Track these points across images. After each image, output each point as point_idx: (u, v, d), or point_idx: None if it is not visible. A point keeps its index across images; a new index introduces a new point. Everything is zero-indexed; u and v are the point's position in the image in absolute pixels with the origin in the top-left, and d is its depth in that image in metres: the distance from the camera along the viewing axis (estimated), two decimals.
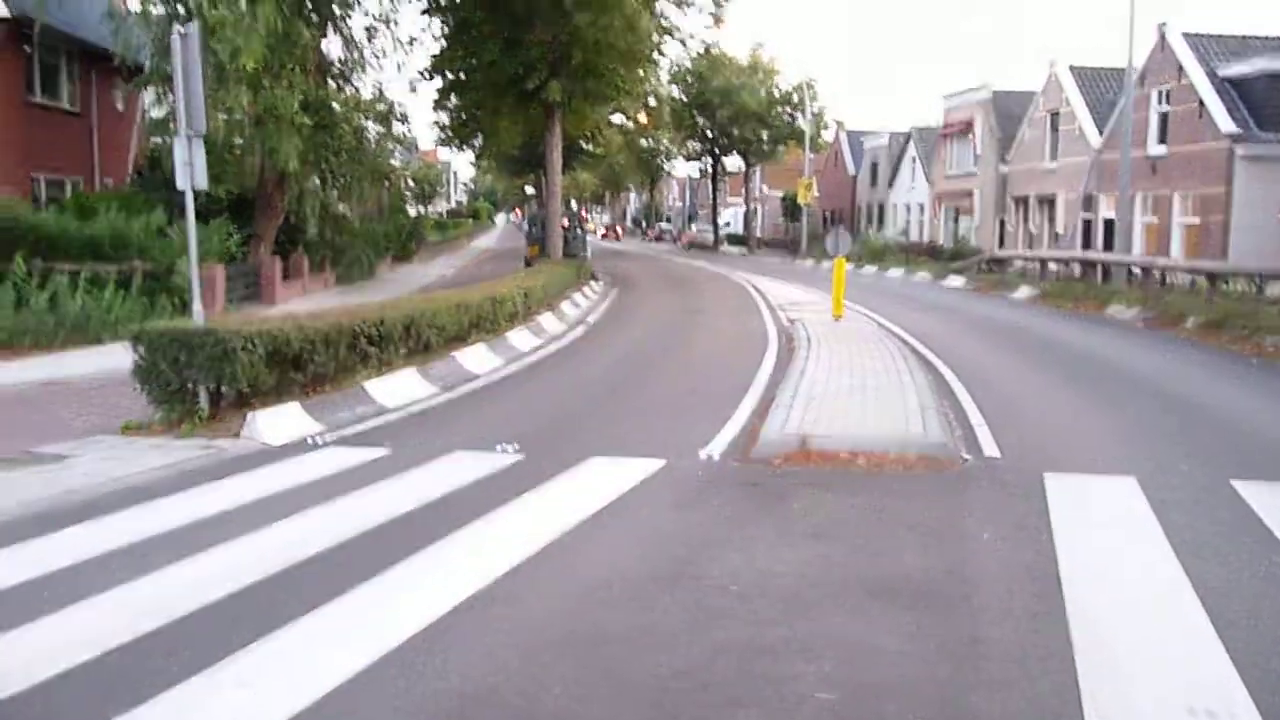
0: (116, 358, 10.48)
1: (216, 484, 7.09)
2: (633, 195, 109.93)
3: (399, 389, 10.66)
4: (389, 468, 7.50)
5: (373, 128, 24.69)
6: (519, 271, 23.01)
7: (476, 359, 12.82)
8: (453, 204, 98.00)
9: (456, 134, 31.56)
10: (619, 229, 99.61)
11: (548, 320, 17.48)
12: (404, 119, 24.33)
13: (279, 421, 8.89)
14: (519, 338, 15.05)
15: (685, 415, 9.50)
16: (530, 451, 7.93)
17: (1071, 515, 6.11)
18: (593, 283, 26.41)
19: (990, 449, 8.04)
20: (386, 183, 36.20)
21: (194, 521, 6.15)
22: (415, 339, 11.84)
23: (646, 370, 12.68)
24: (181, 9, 18.05)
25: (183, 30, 8.79)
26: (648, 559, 5.40)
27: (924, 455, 7.54)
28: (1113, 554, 5.40)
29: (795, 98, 50.12)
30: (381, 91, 23.13)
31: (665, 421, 9.26)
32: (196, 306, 9.47)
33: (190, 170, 9.01)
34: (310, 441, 8.54)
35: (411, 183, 59.83)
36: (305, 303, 20.59)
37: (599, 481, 6.98)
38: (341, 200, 24.38)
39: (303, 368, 9.67)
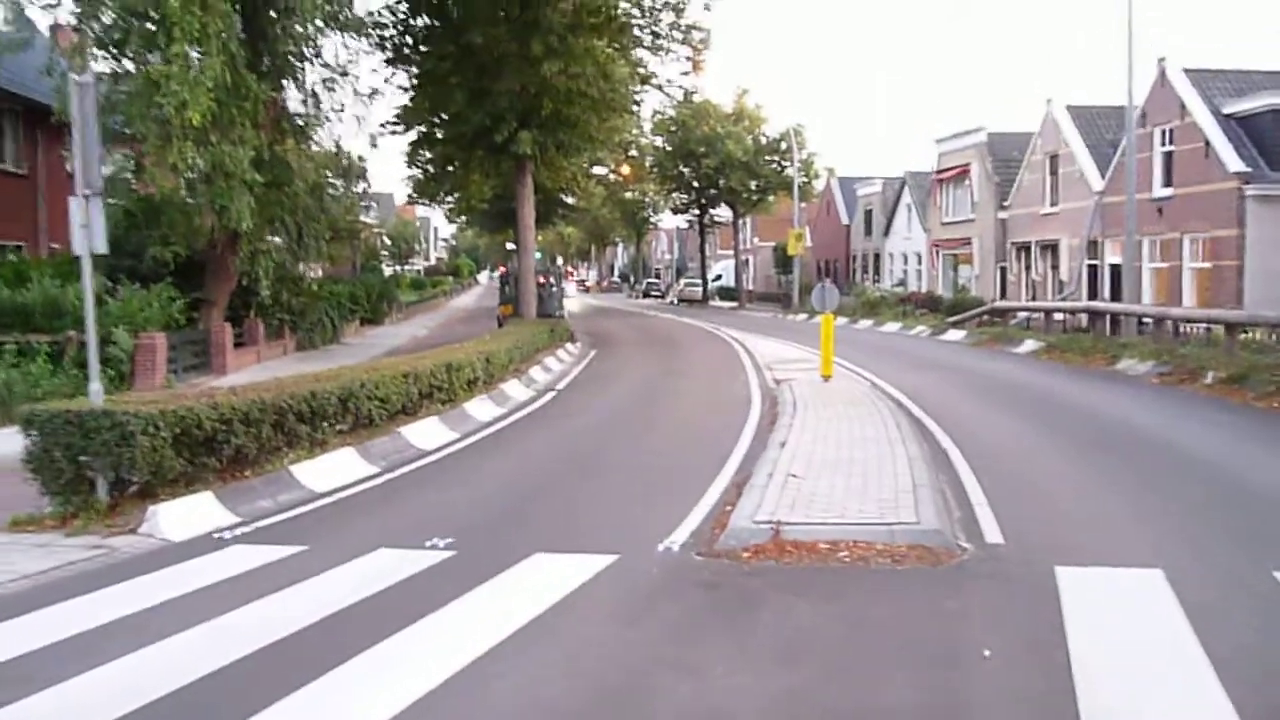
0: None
1: (97, 593, 6.54)
2: (620, 249, 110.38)
3: (332, 471, 10.19)
4: (299, 569, 6.98)
5: (337, 184, 24.39)
6: (487, 334, 22.42)
7: (426, 434, 12.38)
8: (432, 261, 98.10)
9: (426, 189, 31.34)
10: (602, 282, 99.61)
11: (513, 387, 17.09)
12: (362, 175, 23.80)
13: (186, 514, 8.39)
14: (479, 408, 14.63)
15: (649, 497, 9.05)
16: (466, 546, 7.50)
17: (1090, 626, 5.35)
18: (569, 345, 26.07)
19: (993, 534, 7.40)
20: (356, 241, 36.23)
21: (58, 641, 5.56)
22: (355, 413, 11.36)
23: (613, 443, 12.28)
24: (125, 63, 17.71)
25: (79, 79, 8.21)
26: (577, 689, 4.72)
27: (916, 546, 6.95)
28: (1142, 680, 4.63)
29: (783, 144, 50.36)
30: (339, 146, 22.74)
31: (626, 505, 8.80)
32: (94, 386, 8.78)
33: (89, 233, 8.35)
34: (218, 538, 8.07)
35: (387, 240, 60.13)
36: (259, 372, 19.97)
37: (538, 583, 6.48)
38: (300, 260, 23.86)
39: (217, 451, 9.11)
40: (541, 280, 31.93)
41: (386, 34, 24.57)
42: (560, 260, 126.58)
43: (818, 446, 10.42)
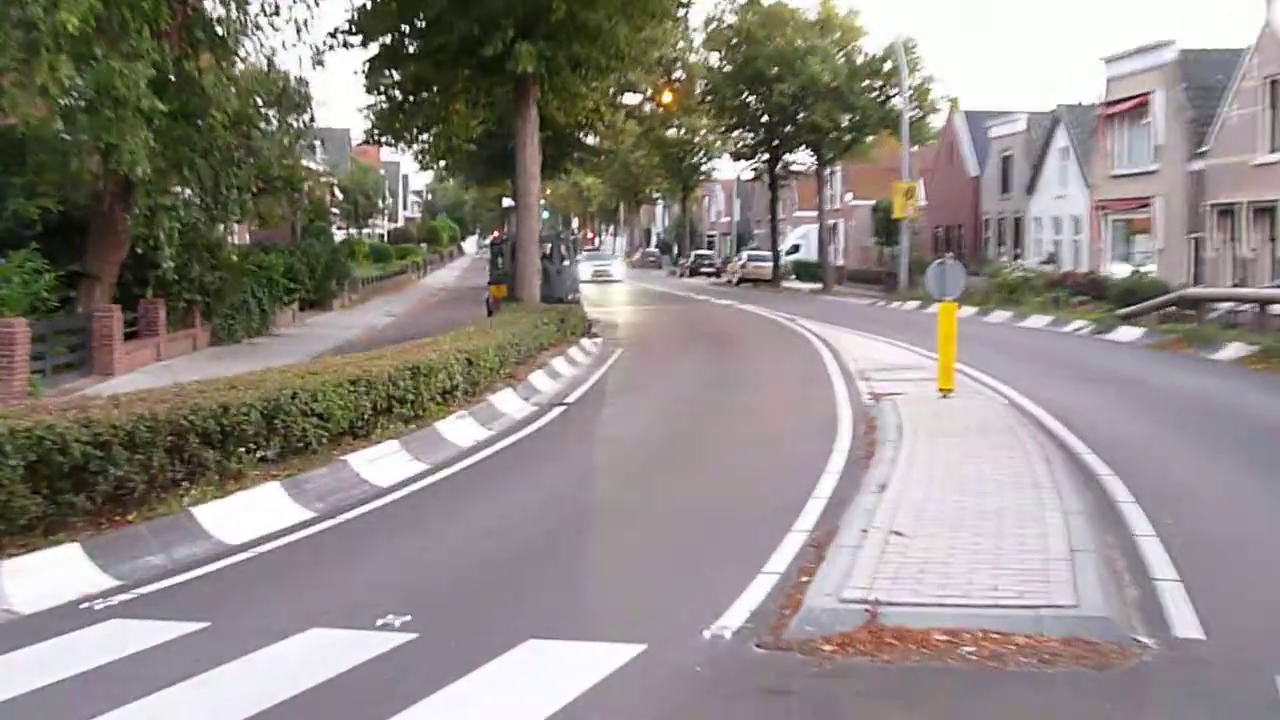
0: None
1: None
2: (660, 209, 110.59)
3: (250, 516, 10.23)
4: (198, 655, 6.98)
5: (270, 115, 24.53)
6: (472, 325, 22.47)
7: (381, 464, 12.42)
8: (401, 222, 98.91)
9: (391, 124, 31.44)
10: (634, 254, 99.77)
11: (506, 399, 17.16)
12: (305, 103, 23.89)
13: (43, 575, 8.42)
14: (457, 428, 14.69)
15: (691, 562, 8.99)
16: (432, 627, 7.52)
17: None
18: (585, 342, 26.17)
19: (1187, 625, 7.26)
20: (295, 194, 36.51)
21: None
22: (284, 435, 11.41)
23: (642, 481, 12.26)
24: None
25: None
26: None
27: (1074, 640, 6.81)
28: None
29: (887, 65, 50.17)
30: (272, 63, 22.90)
31: (658, 573, 8.76)
32: None
33: None
34: (88, 608, 8.11)
35: (339, 194, 60.65)
36: (159, 373, 20.15)
37: (529, 684, 6.46)
38: (217, 220, 24.05)
39: (89, 486, 9.17)
40: (547, 250, 31.90)
41: None
42: (576, 224, 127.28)
43: (933, 492, 10.31)
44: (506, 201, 69.06)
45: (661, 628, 7.22)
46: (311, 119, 25.44)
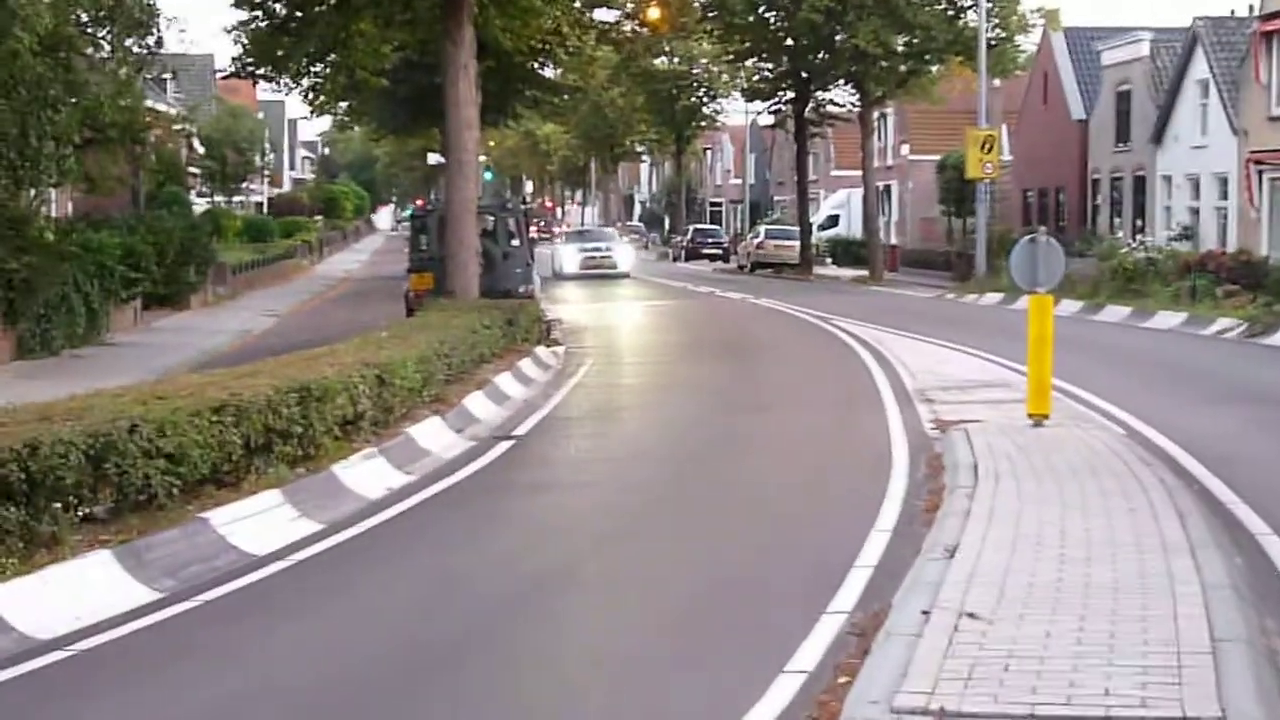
0: None
1: None
2: (646, 170, 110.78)
3: (68, 598, 10.14)
4: None
5: (98, 36, 24.50)
6: (385, 328, 22.42)
7: (256, 523, 12.41)
8: (287, 186, 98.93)
9: (267, 50, 31.40)
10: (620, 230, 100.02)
11: (431, 431, 17.27)
12: (150, 20, 23.84)
13: None
14: (361, 473, 14.71)
15: (686, 658, 9.03)
16: None
17: None
18: (542, 351, 26.36)
19: None
20: (138, 147, 36.42)
21: None
22: (118, 483, 11.35)
23: (615, 547, 12.41)
24: None
25: None
26: None
27: None
28: None
29: None
30: None
31: (640, 674, 8.80)
32: None
33: None
34: None
35: (199, 148, 60.56)
36: None
37: None
38: (23, 184, 23.97)
39: None
40: (488, 226, 31.80)
41: None
42: (530, 189, 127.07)
43: (1020, 558, 10.31)
44: (433, 158, 69.30)
45: None
46: (159, 42, 25.38)
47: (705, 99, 75.95)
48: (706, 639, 9.36)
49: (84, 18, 23.49)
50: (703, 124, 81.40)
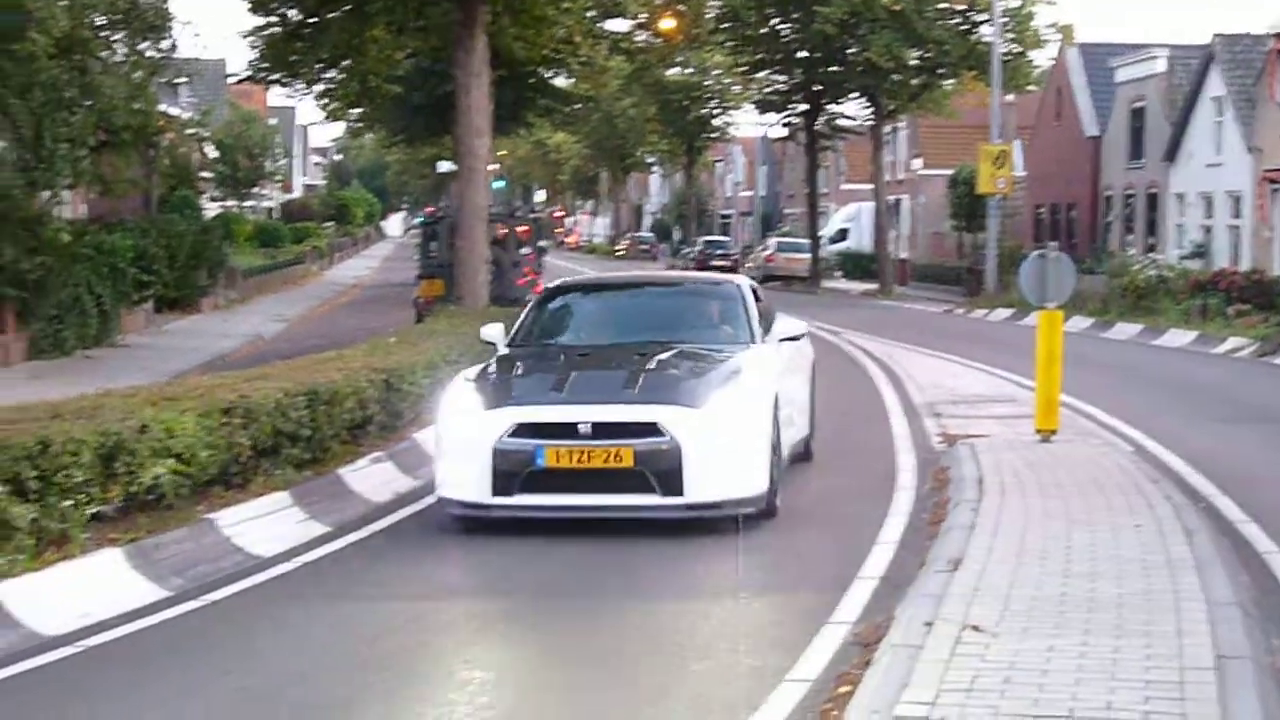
0: None
1: None
2: (656, 180, 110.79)
3: (77, 594, 10.18)
4: None
5: (114, 39, 24.58)
6: (393, 333, 22.43)
7: (264, 524, 12.47)
8: (297, 192, 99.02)
9: (281, 56, 31.46)
10: (620, 240, 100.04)
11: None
12: (164, 22, 23.96)
13: None
14: (368, 476, 14.71)
15: (688, 664, 9.04)
16: None
17: None
18: None
19: None
20: (152, 151, 36.53)
21: None
22: (127, 482, 11.42)
23: (628, 544, 12.26)
24: None
25: None
26: None
27: None
28: None
29: None
30: None
31: (644, 674, 8.81)
32: None
33: None
34: None
35: (212, 151, 60.65)
36: None
37: None
38: (40, 186, 24.09)
39: None
40: (503, 233, 31.82)
41: None
42: (542, 196, 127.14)
43: (1025, 571, 10.31)
44: (442, 165, 69.19)
45: None
46: (173, 46, 25.48)
47: (717, 110, 75.84)
48: (712, 642, 9.40)
49: (99, 21, 23.59)
50: (714, 135, 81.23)
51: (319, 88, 37.40)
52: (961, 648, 8.41)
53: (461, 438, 12.22)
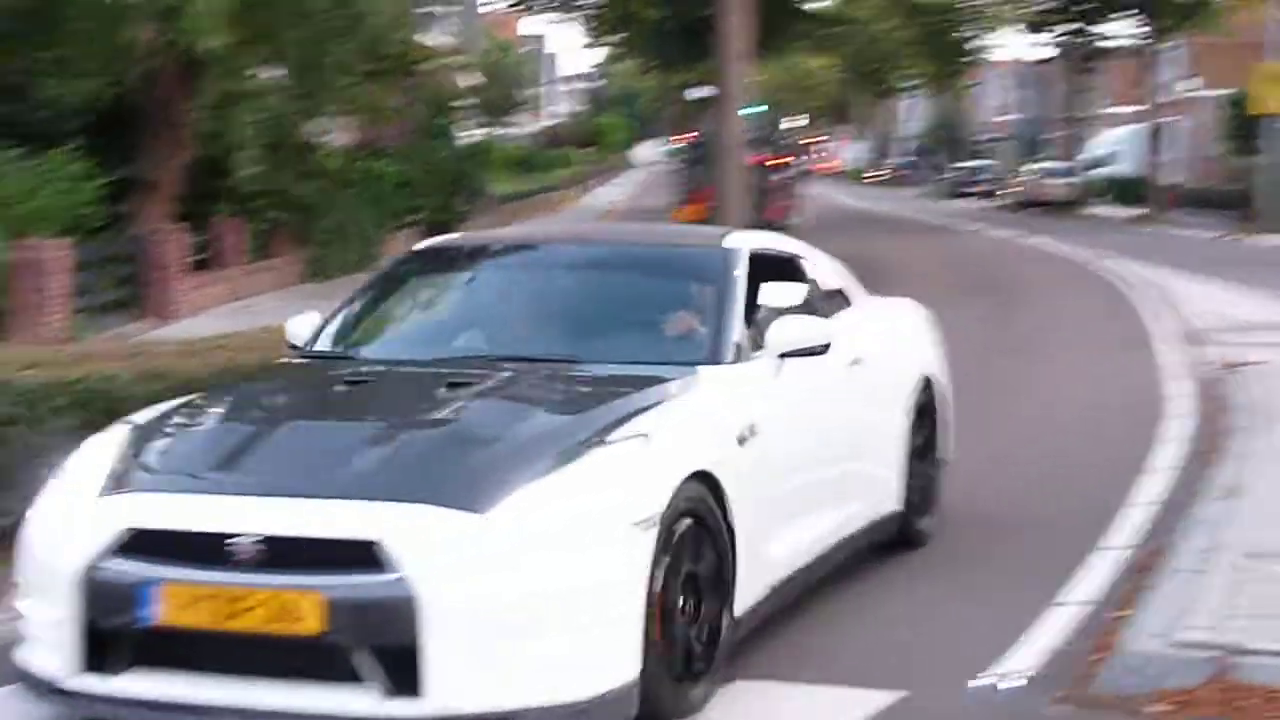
0: None
1: None
2: (905, 107, 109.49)
3: None
4: None
5: None
6: None
7: None
8: (550, 120, 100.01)
9: None
10: (878, 167, 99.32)
11: None
12: None
13: None
14: None
15: (965, 587, 9.00)
16: None
17: None
18: None
19: None
20: (413, 81, 37.17)
21: None
22: None
23: None
24: None
25: None
26: None
27: None
28: None
29: None
30: None
31: (923, 601, 8.79)
32: None
33: None
34: None
35: (472, 81, 61.46)
36: (236, 315, 20.78)
37: None
38: (310, 114, 24.71)
39: None
40: (772, 160, 31.83)
41: None
42: (804, 123, 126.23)
43: None
44: (693, 92, 69.00)
45: (922, 672, 7.31)
46: None
47: (980, 32, 74.62)
48: (984, 566, 9.39)
49: None
50: (971, 61, 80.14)
51: (579, 14, 37.75)
52: (1241, 575, 8.32)
53: (42, 548, 6.15)
